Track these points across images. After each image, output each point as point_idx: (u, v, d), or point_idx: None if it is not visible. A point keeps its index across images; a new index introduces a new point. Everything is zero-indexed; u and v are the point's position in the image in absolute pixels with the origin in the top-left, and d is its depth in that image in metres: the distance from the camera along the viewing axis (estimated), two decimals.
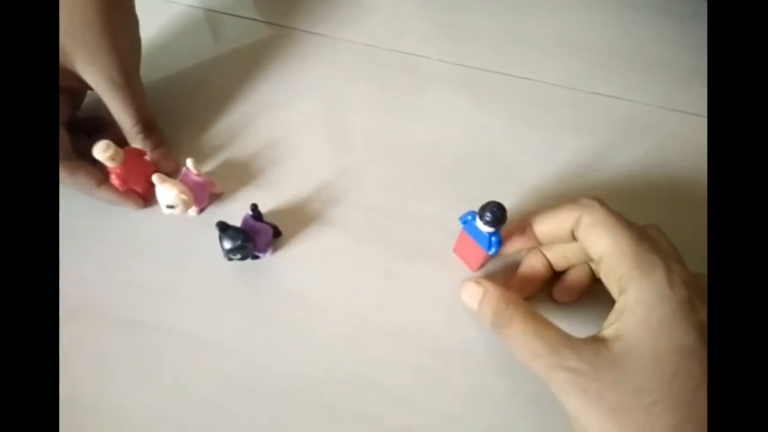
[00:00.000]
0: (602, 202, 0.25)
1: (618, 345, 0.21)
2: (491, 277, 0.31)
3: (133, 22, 0.33)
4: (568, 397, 0.21)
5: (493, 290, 0.26)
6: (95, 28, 0.30)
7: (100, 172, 0.31)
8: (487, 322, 0.26)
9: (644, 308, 0.21)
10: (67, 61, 0.30)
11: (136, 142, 0.33)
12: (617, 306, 0.23)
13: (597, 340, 0.22)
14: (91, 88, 0.32)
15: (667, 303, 0.21)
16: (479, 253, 0.28)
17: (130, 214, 0.33)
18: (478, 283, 0.27)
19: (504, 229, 0.27)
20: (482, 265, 0.30)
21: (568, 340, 0.22)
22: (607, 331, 0.22)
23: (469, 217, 0.27)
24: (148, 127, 0.33)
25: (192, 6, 0.42)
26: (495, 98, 0.38)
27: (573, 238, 0.26)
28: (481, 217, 0.25)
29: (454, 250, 0.31)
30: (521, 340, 0.23)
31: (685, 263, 0.25)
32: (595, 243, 0.24)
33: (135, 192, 0.32)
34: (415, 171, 0.35)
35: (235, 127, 0.36)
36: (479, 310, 0.27)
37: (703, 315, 0.21)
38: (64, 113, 0.32)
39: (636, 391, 0.20)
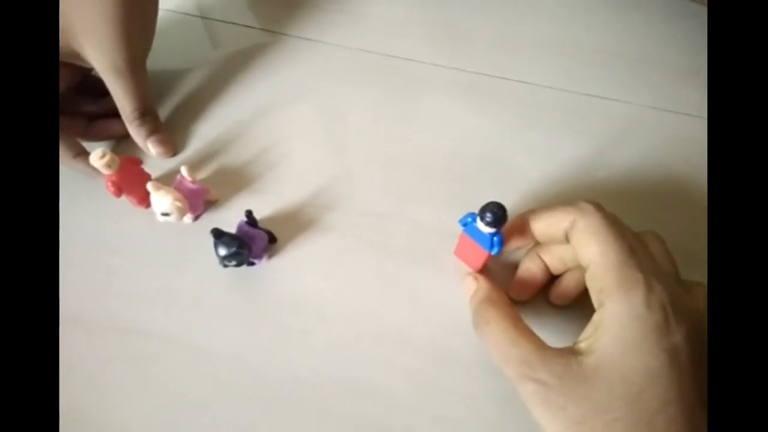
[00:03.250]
0: (599, 207, 0.25)
1: (588, 360, 0.22)
2: (493, 277, 0.31)
3: (151, 12, 0.33)
4: (534, 407, 0.22)
5: (482, 288, 0.27)
6: (108, 17, 0.30)
7: (79, 144, 0.32)
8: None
9: (618, 327, 0.22)
10: (75, 44, 0.30)
11: (133, 127, 0.33)
12: (594, 318, 0.23)
13: (570, 353, 0.22)
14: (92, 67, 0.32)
15: (641, 324, 0.21)
16: (481, 254, 0.28)
17: (127, 221, 0.33)
18: (475, 278, 0.28)
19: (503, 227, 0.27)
20: (484, 266, 0.30)
21: (541, 350, 0.23)
22: (582, 344, 0.22)
23: (469, 219, 0.27)
24: (146, 113, 0.33)
25: (186, 14, 0.42)
26: (489, 101, 0.38)
27: (567, 240, 0.26)
28: (482, 218, 0.25)
29: (455, 253, 0.31)
30: (496, 344, 0.24)
31: (677, 274, 0.26)
32: (585, 249, 0.24)
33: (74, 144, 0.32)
34: (410, 175, 0.35)
35: (229, 133, 0.36)
36: (469, 305, 0.27)
37: (678, 337, 0.21)
38: (62, 85, 0.32)
39: (598, 408, 0.21)
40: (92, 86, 0.35)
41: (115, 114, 0.34)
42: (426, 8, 0.42)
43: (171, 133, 0.36)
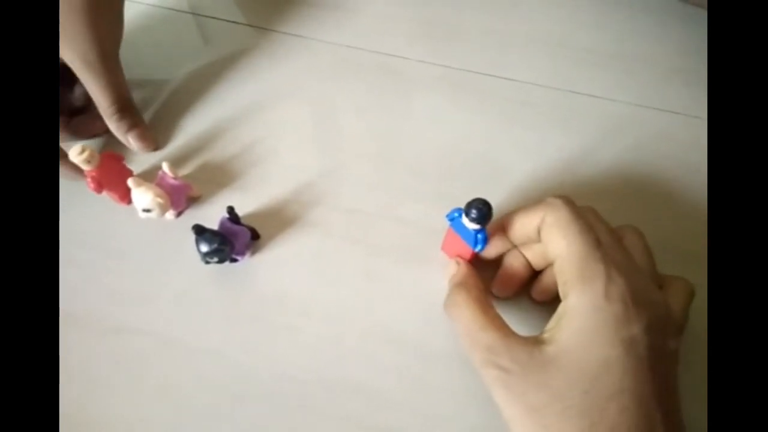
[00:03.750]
0: (567, 201, 0.25)
1: (550, 349, 0.22)
2: (477, 272, 0.31)
3: (117, 3, 0.33)
4: (495, 392, 0.23)
5: (460, 272, 0.28)
6: (77, 11, 0.30)
7: (61, 149, 0.31)
8: None
9: (578, 317, 0.22)
10: None
11: (112, 122, 0.33)
12: (558, 310, 0.24)
13: (534, 342, 0.23)
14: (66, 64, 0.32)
15: (600, 315, 0.22)
16: (466, 250, 0.28)
17: (109, 218, 0.32)
18: (458, 262, 0.29)
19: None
20: (470, 262, 0.30)
21: (507, 338, 0.23)
22: (546, 334, 0.23)
23: (456, 214, 0.27)
24: (125, 108, 0.33)
25: (173, 9, 0.42)
26: (478, 99, 0.38)
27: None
28: (467, 214, 0.25)
29: (442, 248, 0.31)
30: (464, 328, 0.25)
31: (653, 268, 0.26)
32: (552, 243, 0.25)
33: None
34: (397, 172, 0.34)
35: (214, 129, 0.36)
36: (447, 288, 0.28)
37: (636, 329, 0.22)
38: None
39: (555, 395, 0.21)
40: (70, 80, 0.35)
41: (95, 109, 0.34)
42: (415, 5, 0.42)
43: (151, 127, 0.35)
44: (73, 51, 0.30)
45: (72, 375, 0.28)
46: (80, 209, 0.33)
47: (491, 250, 0.29)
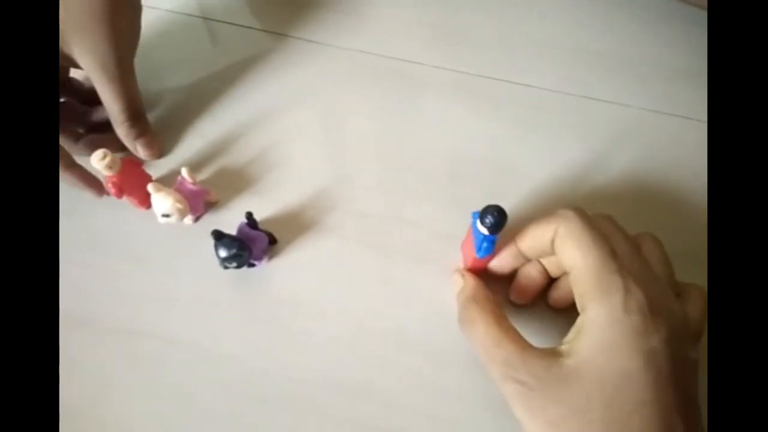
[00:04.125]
0: (579, 212, 0.25)
1: (569, 362, 0.22)
2: (493, 282, 0.31)
3: (136, 11, 0.34)
4: (515, 406, 0.23)
5: (468, 286, 0.27)
6: (97, 17, 0.30)
7: (69, 155, 0.31)
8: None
9: (597, 330, 0.22)
10: (66, 47, 0.31)
11: (122, 129, 0.33)
12: (577, 323, 0.23)
13: (553, 354, 0.23)
14: (81, 68, 0.32)
15: (619, 327, 0.22)
16: (472, 253, 0.28)
17: (127, 222, 0.33)
18: (462, 275, 0.28)
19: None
20: (479, 267, 0.30)
21: (523, 351, 0.23)
22: (565, 346, 0.23)
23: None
24: (135, 116, 0.33)
25: (189, 15, 0.42)
26: (490, 104, 0.38)
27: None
28: (481, 219, 0.25)
29: (462, 246, 0.31)
30: (481, 344, 0.24)
31: (671, 277, 0.26)
32: (567, 255, 0.24)
33: (98, 183, 0.32)
34: (411, 177, 0.35)
35: (230, 134, 0.36)
36: (456, 302, 0.28)
37: (656, 340, 0.21)
38: None
39: (575, 409, 0.21)
40: (86, 94, 0.35)
41: (109, 127, 0.34)
42: (427, 10, 0.42)
43: (168, 132, 0.36)
44: (91, 57, 0.31)
45: (88, 377, 0.29)
46: (100, 214, 0.33)
47: (504, 266, 0.29)
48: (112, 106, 0.33)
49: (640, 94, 0.38)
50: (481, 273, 0.30)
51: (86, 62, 0.31)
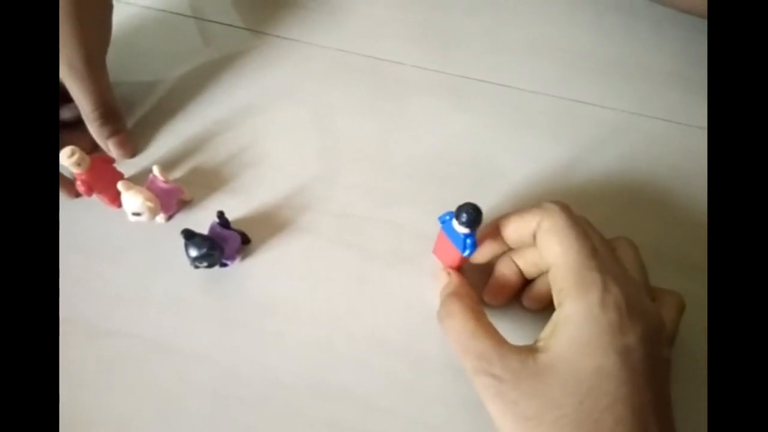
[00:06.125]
0: (564, 207, 0.25)
1: (544, 358, 0.22)
2: (468, 281, 0.30)
3: (105, 7, 0.33)
4: (487, 400, 0.23)
5: (452, 283, 0.27)
6: (63, 15, 0.30)
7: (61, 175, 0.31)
8: None
9: (573, 326, 0.22)
10: None
11: (93, 127, 0.33)
12: (553, 318, 0.23)
13: (528, 350, 0.23)
14: None
15: (595, 324, 0.22)
16: (455, 254, 0.28)
17: (98, 220, 0.32)
18: (449, 273, 0.28)
19: (477, 233, 0.27)
20: (459, 267, 0.30)
21: (500, 346, 0.23)
22: (540, 342, 0.23)
23: (447, 217, 0.27)
24: (107, 114, 0.33)
25: (166, 11, 0.42)
26: (473, 104, 0.37)
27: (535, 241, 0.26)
28: (458, 218, 0.25)
29: (434, 251, 0.31)
30: (457, 337, 0.24)
31: (646, 280, 0.26)
32: (548, 250, 0.24)
33: (71, 184, 0.32)
34: (390, 176, 0.34)
35: (206, 132, 0.36)
36: (439, 300, 0.27)
37: (631, 338, 0.21)
38: None
39: (549, 404, 0.21)
40: (63, 96, 0.35)
41: (81, 125, 0.33)
42: (411, 9, 0.42)
43: (143, 130, 0.35)
44: (58, 55, 0.30)
45: (62, 378, 0.28)
46: (70, 212, 0.32)
47: (484, 253, 0.28)
48: (83, 105, 0.32)
49: (624, 96, 0.38)
50: (463, 271, 0.29)
51: None
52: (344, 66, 0.39)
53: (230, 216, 0.30)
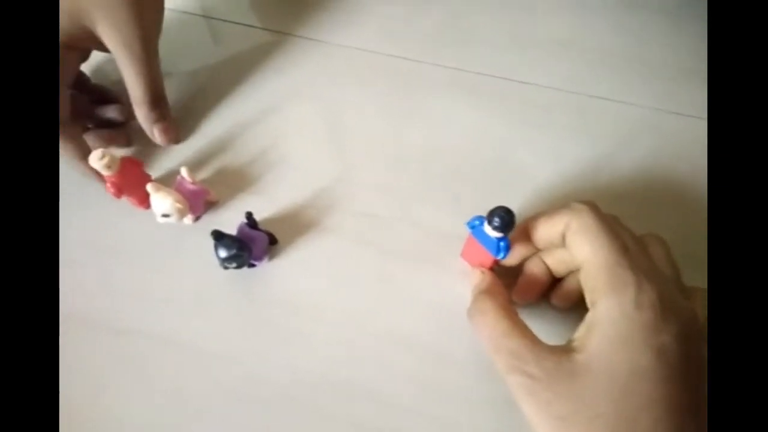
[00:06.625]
0: (593, 207, 0.25)
1: (579, 358, 0.22)
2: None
3: None
4: (520, 399, 0.22)
5: (485, 280, 0.27)
6: None
7: (87, 145, 0.32)
8: None
9: (608, 326, 0.22)
10: (90, 23, 0.30)
11: (141, 111, 0.33)
12: (587, 318, 0.23)
13: (562, 350, 0.22)
14: (107, 50, 0.32)
15: (630, 323, 0.21)
16: (487, 258, 0.28)
17: (127, 222, 0.33)
18: (483, 272, 0.28)
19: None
20: (490, 269, 0.30)
21: (534, 345, 0.23)
22: (575, 342, 0.23)
23: (477, 222, 0.27)
24: (156, 99, 0.33)
25: (186, 12, 0.42)
26: (492, 102, 0.37)
27: (564, 242, 0.26)
28: (490, 222, 0.25)
29: (462, 255, 0.31)
30: (489, 334, 0.24)
31: (678, 278, 0.25)
32: (578, 250, 0.24)
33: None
34: (412, 176, 0.34)
35: (230, 133, 0.36)
36: (471, 297, 0.27)
37: (667, 337, 0.21)
38: (71, 71, 0.32)
39: (584, 404, 0.21)
40: (91, 91, 0.35)
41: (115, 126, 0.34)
42: (429, 8, 0.42)
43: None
44: (117, 34, 0.30)
45: (84, 376, 0.29)
46: (99, 213, 0.33)
47: (516, 256, 0.28)
48: (134, 88, 0.32)
49: (645, 92, 0.38)
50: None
51: (111, 40, 0.31)
52: (363, 65, 0.39)
53: (256, 217, 0.31)
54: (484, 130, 0.36)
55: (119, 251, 0.32)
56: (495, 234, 0.25)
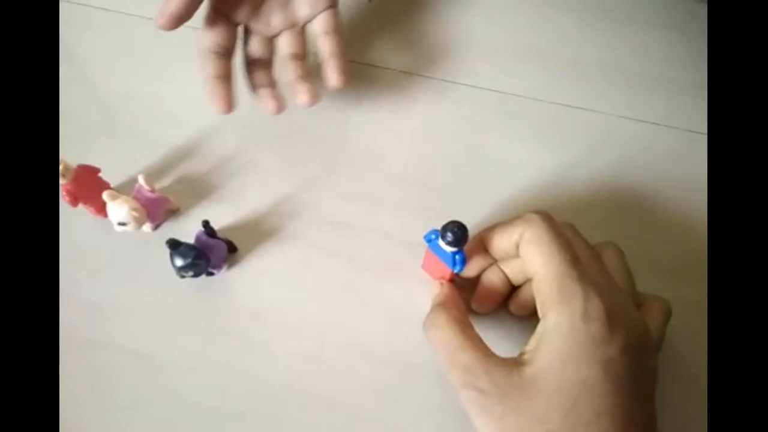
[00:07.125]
0: (545, 217, 0.25)
1: (529, 371, 0.22)
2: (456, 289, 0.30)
3: None
4: (473, 414, 0.22)
5: (441, 294, 0.27)
6: None
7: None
8: None
9: (556, 339, 0.22)
10: None
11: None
12: (538, 330, 0.23)
13: (514, 363, 0.22)
14: None
15: (578, 336, 0.21)
16: (446, 270, 0.28)
17: (85, 230, 0.32)
18: (442, 284, 0.28)
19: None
20: (450, 280, 0.30)
21: (486, 359, 0.23)
22: (525, 355, 0.23)
23: (433, 236, 0.27)
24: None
25: (142, 17, 0.41)
26: (460, 110, 0.37)
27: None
28: (443, 238, 0.25)
29: (423, 267, 0.31)
30: (443, 348, 0.24)
31: (632, 286, 0.26)
32: (530, 261, 0.24)
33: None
34: (378, 184, 0.34)
35: (193, 141, 0.36)
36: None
37: (613, 350, 0.21)
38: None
39: (534, 418, 0.21)
40: None
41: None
42: (398, 18, 0.42)
43: (126, 139, 0.35)
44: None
45: None
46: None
47: (473, 268, 0.28)
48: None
49: (612, 100, 0.38)
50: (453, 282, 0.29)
51: None
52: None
53: (217, 224, 0.30)
54: (452, 138, 0.36)
55: (77, 261, 0.31)
56: (449, 248, 0.25)
